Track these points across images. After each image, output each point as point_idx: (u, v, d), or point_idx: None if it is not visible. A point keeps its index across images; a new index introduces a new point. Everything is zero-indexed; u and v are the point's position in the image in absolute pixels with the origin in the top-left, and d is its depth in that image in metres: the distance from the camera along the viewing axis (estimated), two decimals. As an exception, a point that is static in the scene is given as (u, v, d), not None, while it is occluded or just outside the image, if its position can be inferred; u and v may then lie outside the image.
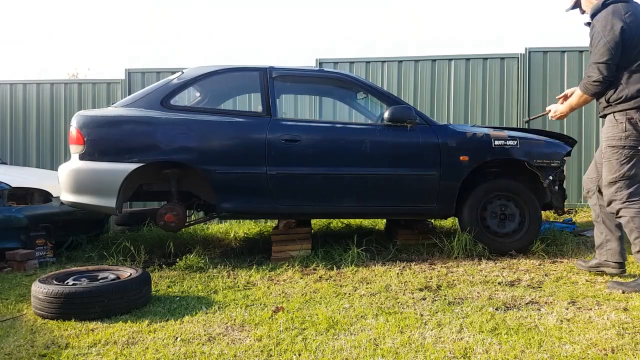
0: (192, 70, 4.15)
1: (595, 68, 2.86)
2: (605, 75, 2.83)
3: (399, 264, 3.68)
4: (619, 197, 2.84)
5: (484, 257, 3.81)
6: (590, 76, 2.89)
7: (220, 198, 3.83)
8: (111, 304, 2.66)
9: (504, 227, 3.96)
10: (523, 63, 6.34)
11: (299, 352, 2.13)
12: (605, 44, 2.80)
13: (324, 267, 3.63)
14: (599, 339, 2.16)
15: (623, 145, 2.82)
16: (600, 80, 2.85)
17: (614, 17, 2.81)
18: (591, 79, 2.89)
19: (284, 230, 4.21)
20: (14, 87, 7.12)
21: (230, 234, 5.33)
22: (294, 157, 3.84)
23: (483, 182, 3.99)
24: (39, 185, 4.63)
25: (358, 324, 2.45)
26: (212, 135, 3.84)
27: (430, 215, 4.17)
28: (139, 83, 6.80)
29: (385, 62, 6.59)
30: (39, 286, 2.69)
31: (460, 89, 6.47)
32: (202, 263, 3.78)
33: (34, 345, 2.30)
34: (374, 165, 3.88)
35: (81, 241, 4.55)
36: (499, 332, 2.27)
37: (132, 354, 2.17)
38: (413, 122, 3.91)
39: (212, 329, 2.44)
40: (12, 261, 3.97)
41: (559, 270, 3.42)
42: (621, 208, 2.83)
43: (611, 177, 2.87)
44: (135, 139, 3.81)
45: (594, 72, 2.87)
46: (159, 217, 3.92)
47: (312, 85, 5.01)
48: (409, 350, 2.11)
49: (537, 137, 4.06)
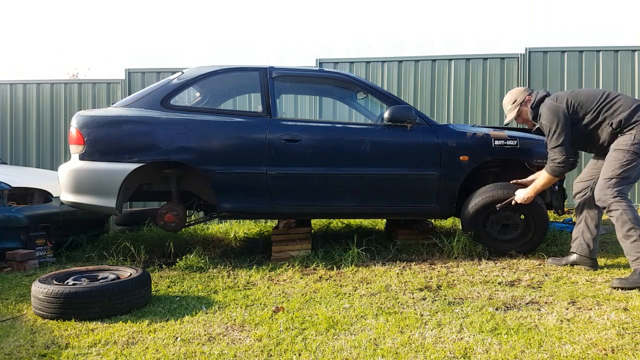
0: (192, 70, 4.15)
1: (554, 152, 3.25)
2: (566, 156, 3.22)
3: (399, 264, 3.68)
4: (610, 193, 3.03)
5: (484, 257, 3.81)
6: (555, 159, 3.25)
7: (220, 198, 3.83)
8: (111, 304, 2.66)
9: (507, 234, 3.87)
10: (523, 63, 6.34)
11: (299, 352, 2.13)
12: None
13: (324, 267, 3.63)
14: (599, 339, 2.16)
15: (628, 150, 3.04)
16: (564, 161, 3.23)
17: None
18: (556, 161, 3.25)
19: (284, 230, 4.21)
20: (14, 87, 7.12)
21: (230, 234, 5.33)
22: (294, 157, 3.84)
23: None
24: (39, 185, 4.62)
25: (358, 324, 2.45)
26: (212, 135, 3.84)
27: (430, 215, 4.17)
28: (139, 83, 6.80)
29: (385, 62, 6.59)
30: (39, 286, 2.69)
31: (460, 89, 6.47)
32: (202, 263, 3.78)
33: (34, 345, 2.30)
34: (374, 165, 3.88)
35: (81, 241, 4.55)
36: (499, 332, 2.27)
37: (132, 354, 2.17)
38: (413, 122, 3.91)
39: (212, 329, 2.44)
40: (12, 261, 3.97)
41: (559, 270, 3.42)
42: (612, 202, 3.02)
43: (610, 174, 3.07)
44: (135, 139, 3.81)
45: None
46: (159, 217, 3.92)
47: (312, 85, 5.01)
48: (409, 350, 2.11)
49: (537, 137, 4.06)
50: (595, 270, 3.38)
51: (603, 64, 6.26)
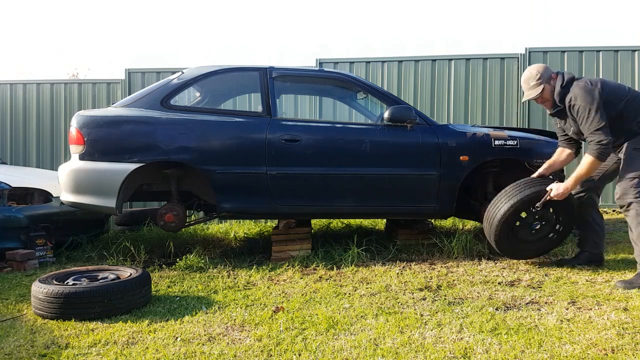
0: (192, 70, 4.15)
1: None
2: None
3: (399, 264, 3.68)
4: (633, 192, 3.01)
5: (484, 257, 3.81)
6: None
7: (220, 198, 3.83)
8: (111, 304, 2.66)
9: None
10: (523, 63, 6.33)
11: (299, 352, 2.13)
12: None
13: (324, 267, 3.63)
14: (599, 339, 2.16)
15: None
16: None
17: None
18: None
19: (284, 230, 4.21)
20: (14, 87, 7.11)
21: (230, 234, 5.33)
22: (294, 157, 3.84)
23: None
24: (39, 185, 4.62)
25: (358, 324, 2.45)
26: (212, 135, 3.84)
27: (430, 215, 4.17)
28: (139, 83, 6.79)
29: (385, 62, 6.59)
30: (39, 286, 2.69)
31: (460, 89, 6.47)
32: (202, 263, 3.78)
33: (34, 345, 2.30)
34: (374, 165, 3.88)
35: (81, 241, 4.55)
36: (499, 332, 2.27)
37: (132, 354, 2.17)
38: (413, 122, 3.91)
39: (212, 329, 2.44)
40: (12, 261, 3.97)
41: (559, 270, 3.42)
42: (633, 202, 3.00)
43: (633, 174, 3.03)
44: (135, 139, 3.80)
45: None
46: (159, 217, 3.92)
47: (312, 85, 5.01)
48: (409, 350, 2.11)
49: (537, 137, 4.07)
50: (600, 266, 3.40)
51: (603, 64, 6.26)
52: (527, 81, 3.25)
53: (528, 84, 3.24)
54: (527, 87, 3.26)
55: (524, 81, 3.28)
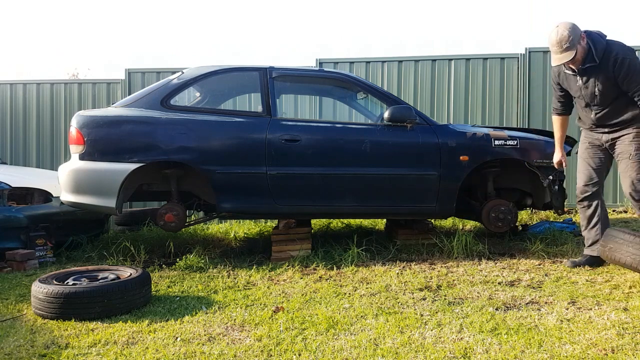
0: (192, 70, 4.15)
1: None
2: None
3: (399, 264, 3.68)
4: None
5: (484, 257, 3.81)
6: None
7: (220, 198, 3.83)
8: (111, 304, 2.67)
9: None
10: (523, 63, 6.33)
11: (299, 352, 2.13)
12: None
13: (324, 267, 3.63)
14: (599, 339, 2.16)
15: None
16: None
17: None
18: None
19: (284, 230, 4.21)
20: (14, 87, 7.11)
21: (230, 234, 5.33)
22: (294, 157, 3.84)
23: None
24: (39, 185, 4.62)
25: (358, 324, 2.45)
26: (212, 135, 3.84)
27: (430, 215, 4.17)
28: (139, 83, 6.79)
29: (385, 62, 6.59)
30: (39, 286, 2.69)
31: (460, 89, 6.47)
32: (202, 263, 3.78)
33: (34, 345, 2.30)
34: (374, 165, 3.88)
35: (81, 241, 4.55)
36: (499, 332, 2.27)
37: (132, 354, 2.17)
38: (413, 122, 3.91)
39: (212, 329, 2.44)
40: (12, 261, 3.97)
41: (559, 270, 3.42)
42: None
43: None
44: (135, 139, 3.81)
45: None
46: (159, 217, 3.92)
47: (312, 85, 5.01)
48: (409, 350, 2.11)
49: (537, 137, 4.07)
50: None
51: (603, 64, 6.25)
52: (559, 44, 3.04)
53: (560, 46, 3.03)
54: (559, 50, 3.05)
55: (555, 43, 3.06)
